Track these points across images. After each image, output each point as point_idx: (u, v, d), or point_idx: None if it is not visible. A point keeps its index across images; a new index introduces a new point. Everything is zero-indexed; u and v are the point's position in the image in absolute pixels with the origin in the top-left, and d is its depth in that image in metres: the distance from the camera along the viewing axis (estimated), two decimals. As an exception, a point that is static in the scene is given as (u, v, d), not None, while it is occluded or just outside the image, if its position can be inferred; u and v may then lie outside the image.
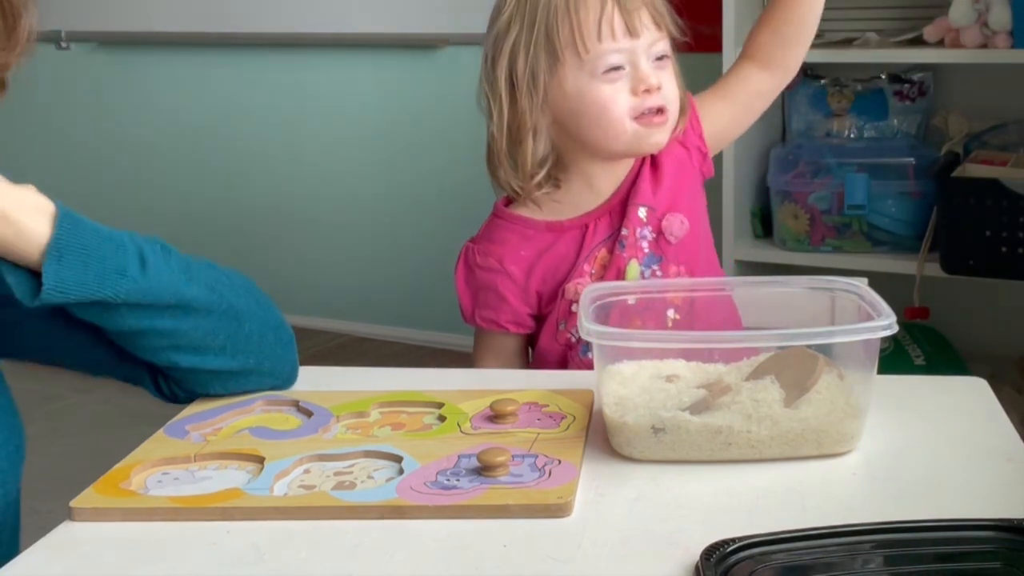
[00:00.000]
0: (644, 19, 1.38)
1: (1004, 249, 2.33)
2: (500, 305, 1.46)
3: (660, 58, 1.40)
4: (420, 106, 3.37)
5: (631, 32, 1.37)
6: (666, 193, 1.45)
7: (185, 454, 1.07)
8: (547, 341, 1.46)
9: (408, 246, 3.44)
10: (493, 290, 1.46)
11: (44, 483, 2.01)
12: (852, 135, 2.67)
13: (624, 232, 1.44)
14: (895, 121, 2.66)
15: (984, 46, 2.39)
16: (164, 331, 1.11)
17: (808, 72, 2.68)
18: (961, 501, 0.96)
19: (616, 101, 1.38)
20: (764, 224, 2.68)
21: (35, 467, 1.44)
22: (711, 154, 1.51)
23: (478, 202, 3.48)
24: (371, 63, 3.42)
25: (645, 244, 1.44)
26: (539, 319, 1.48)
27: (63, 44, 3.76)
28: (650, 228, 1.44)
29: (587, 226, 1.45)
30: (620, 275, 1.42)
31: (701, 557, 0.84)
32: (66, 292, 1.03)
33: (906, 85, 2.63)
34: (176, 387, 1.19)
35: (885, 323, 1.02)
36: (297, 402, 1.18)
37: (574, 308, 1.43)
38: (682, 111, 1.44)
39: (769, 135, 2.72)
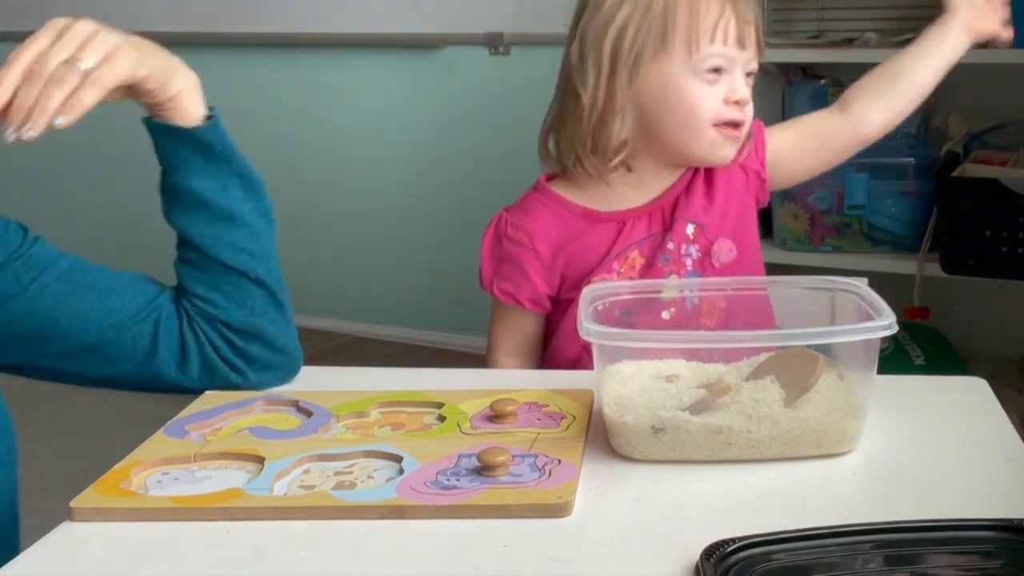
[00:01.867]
0: (752, 34, 1.39)
1: (1004, 249, 2.33)
2: (521, 280, 1.46)
3: (749, 75, 1.41)
4: (420, 106, 3.37)
5: (740, 43, 1.38)
6: (718, 214, 1.44)
7: (185, 454, 1.07)
8: (564, 339, 1.45)
9: (408, 246, 3.44)
10: (517, 264, 1.46)
11: (44, 483, 2.01)
12: (852, 135, 2.67)
13: (670, 246, 1.43)
14: (895, 121, 2.66)
15: (984, 46, 2.39)
16: (256, 230, 1.21)
17: (808, 72, 2.68)
18: (961, 501, 0.96)
19: (708, 103, 1.38)
20: (764, 224, 2.68)
21: (35, 467, 1.45)
22: (769, 184, 1.50)
23: (477, 201, 3.48)
24: (371, 63, 3.42)
25: (689, 262, 1.43)
26: (556, 303, 1.47)
27: (63, 44, 3.75)
28: (697, 247, 1.43)
29: (624, 223, 1.44)
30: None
31: (701, 557, 0.84)
32: (224, 135, 1.19)
33: (906, 85, 2.63)
34: (196, 344, 1.20)
35: (885, 323, 1.02)
36: (297, 402, 1.18)
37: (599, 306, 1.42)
38: (748, 136, 1.44)
39: (769, 135, 2.72)
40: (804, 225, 2.58)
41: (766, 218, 2.67)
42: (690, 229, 1.43)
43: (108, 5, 3.58)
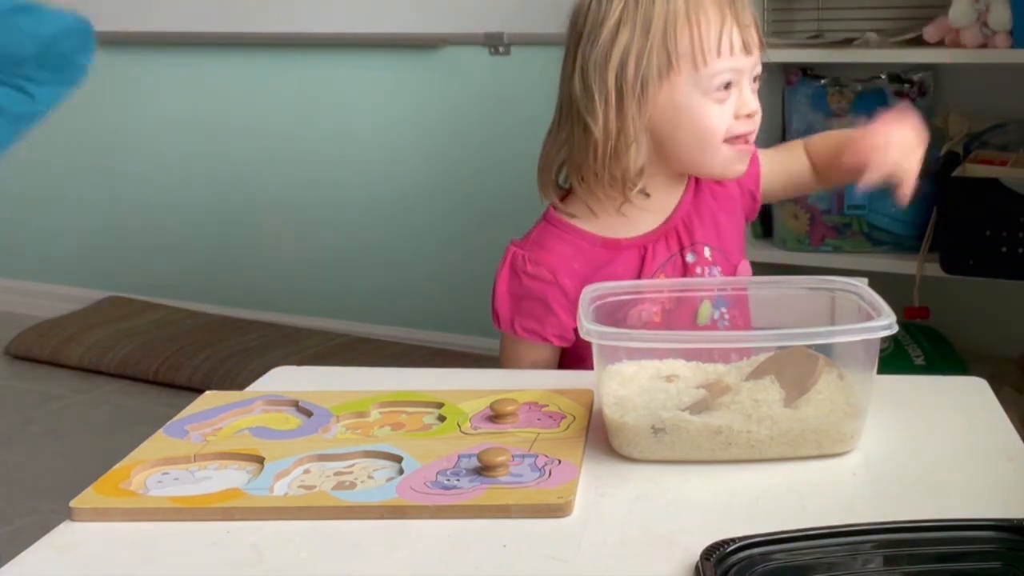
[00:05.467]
0: (754, 36, 1.35)
1: (1004, 249, 2.33)
2: (547, 317, 1.40)
3: (756, 79, 1.37)
4: (420, 106, 3.37)
5: (746, 49, 1.34)
6: (723, 232, 1.44)
7: (185, 454, 1.07)
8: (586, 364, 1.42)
9: (408, 246, 3.44)
10: (541, 301, 1.40)
11: (44, 483, 2.01)
12: (852, 135, 2.67)
13: (699, 270, 1.41)
14: (895, 121, 2.65)
15: (984, 46, 2.39)
16: None
17: (808, 72, 2.68)
18: (961, 501, 0.96)
19: (720, 122, 1.35)
20: (764, 224, 2.69)
21: (35, 467, 1.46)
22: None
23: (477, 202, 3.47)
24: (371, 63, 3.42)
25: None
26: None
27: (63, 44, 3.75)
28: (719, 269, 1.42)
29: (646, 248, 1.41)
30: (692, 315, 1.31)
31: (701, 557, 0.84)
32: None
33: (906, 85, 2.63)
34: None
35: (885, 323, 1.02)
36: (297, 402, 1.18)
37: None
38: None
39: (769, 135, 2.72)
40: (804, 225, 2.58)
41: (766, 218, 2.68)
42: (707, 252, 1.42)
43: (109, 5, 3.58)
